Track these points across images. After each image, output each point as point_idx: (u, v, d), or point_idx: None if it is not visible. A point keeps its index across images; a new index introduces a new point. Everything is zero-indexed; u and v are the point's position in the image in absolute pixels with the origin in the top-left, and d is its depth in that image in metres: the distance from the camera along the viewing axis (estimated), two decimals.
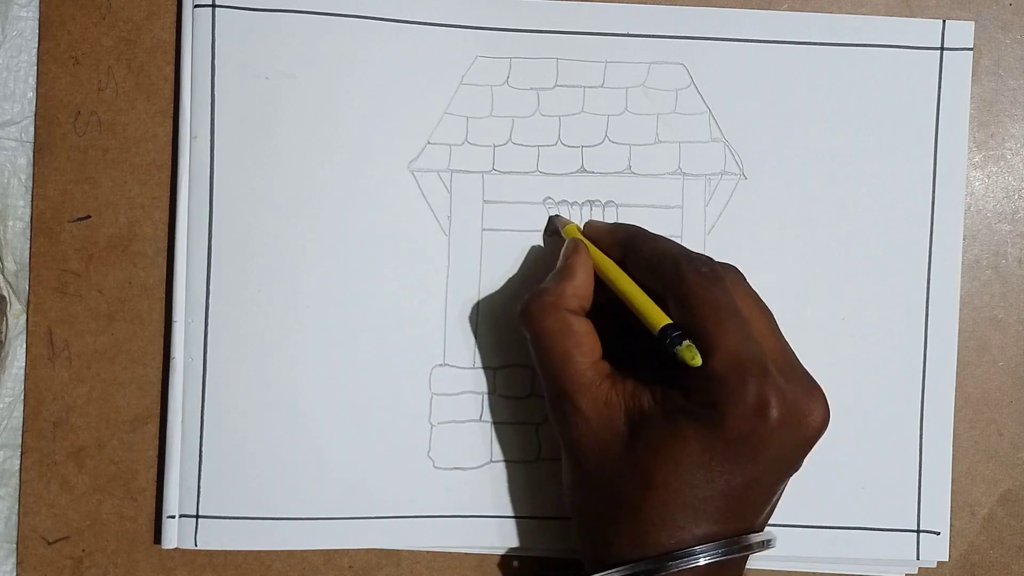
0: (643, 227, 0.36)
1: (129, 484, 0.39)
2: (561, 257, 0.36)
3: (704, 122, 0.39)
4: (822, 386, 0.33)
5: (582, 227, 0.37)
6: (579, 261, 0.35)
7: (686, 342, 0.31)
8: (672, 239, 0.35)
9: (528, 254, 0.39)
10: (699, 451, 0.30)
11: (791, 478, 0.33)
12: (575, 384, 0.33)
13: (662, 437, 0.31)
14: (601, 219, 0.39)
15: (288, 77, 0.38)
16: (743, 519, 0.32)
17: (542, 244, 0.39)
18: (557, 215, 0.39)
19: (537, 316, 0.34)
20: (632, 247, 0.35)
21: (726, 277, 0.33)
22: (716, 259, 0.34)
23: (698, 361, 0.30)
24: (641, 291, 0.33)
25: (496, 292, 0.39)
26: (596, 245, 0.36)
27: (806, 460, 0.32)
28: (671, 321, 0.32)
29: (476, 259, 0.39)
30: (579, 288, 0.34)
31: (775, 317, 0.34)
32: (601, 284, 0.35)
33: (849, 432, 0.39)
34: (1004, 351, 0.40)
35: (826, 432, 0.38)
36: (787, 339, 0.33)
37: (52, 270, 0.39)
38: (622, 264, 0.35)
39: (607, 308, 0.35)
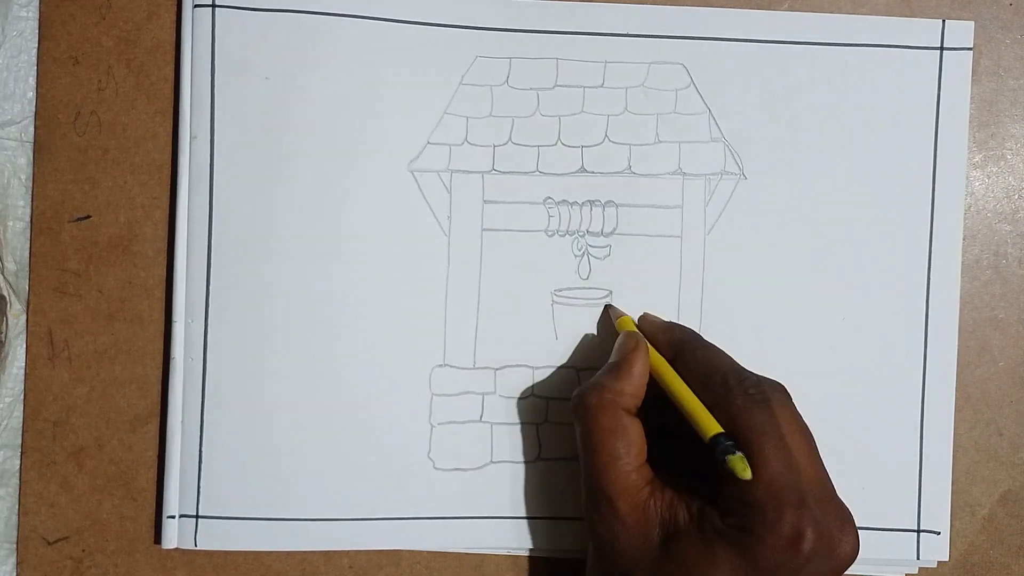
0: (697, 332, 0.37)
1: (129, 484, 0.39)
2: (618, 350, 0.36)
3: (704, 122, 0.39)
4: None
5: (636, 320, 0.38)
6: (638, 358, 0.35)
7: (738, 453, 0.31)
8: (723, 351, 0.35)
9: (528, 254, 0.39)
10: (729, 574, 0.31)
11: None
12: (618, 486, 0.33)
13: (694, 556, 0.31)
14: (601, 219, 0.39)
15: (288, 77, 0.38)
16: None
17: (595, 331, 0.39)
18: (611, 305, 0.39)
19: (594, 412, 0.34)
20: (684, 351, 0.35)
21: (773, 399, 0.33)
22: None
23: (748, 475, 0.31)
24: (694, 396, 0.33)
25: (496, 292, 0.39)
26: (650, 341, 0.36)
27: None
28: (722, 431, 0.32)
29: (476, 259, 0.39)
30: (636, 387, 0.34)
31: (815, 440, 0.33)
32: (650, 382, 0.35)
33: (849, 432, 0.39)
34: (1004, 351, 0.40)
35: (827, 432, 0.38)
36: (823, 462, 0.33)
37: (52, 270, 0.39)
38: (672, 366, 0.35)
39: (651, 405, 0.35)
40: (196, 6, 0.38)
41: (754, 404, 0.32)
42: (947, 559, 0.39)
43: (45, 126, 0.39)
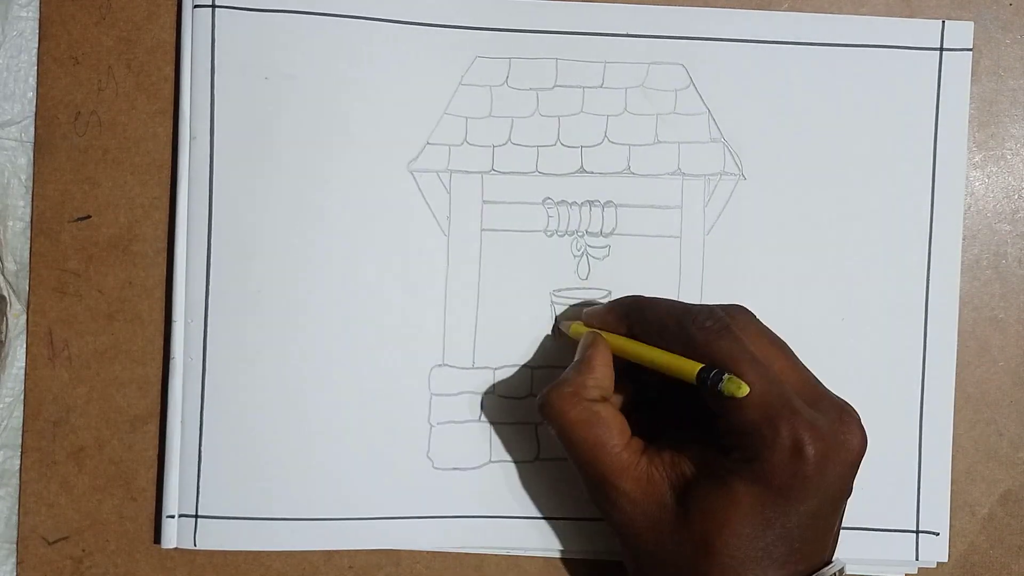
0: (639, 294, 0.37)
1: (129, 484, 0.39)
2: (579, 351, 0.36)
3: (703, 122, 0.39)
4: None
5: (584, 319, 0.37)
6: (597, 352, 0.35)
7: (727, 376, 0.31)
8: (670, 299, 0.35)
9: (528, 254, 0.39)
10: (750, 504, 0.31)
11: (847, 502, 0.33)
12: (613, 468, 0.33)
13: (712, 500, 0.31)
14: (601, 219, 0.39)
15: (288, 77, 0.38)
16: (810, 556, 0.32)
17: (552, 336, 0.39)
18: (558, 321, 0.39)
19: (559, 408, 0.33)
20: (635, 317, 0.35)
21: (733, 323, 0.33)
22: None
23: (745, 390, 0.30)
24: (663, 351, 0.33)
25: (496, 292, 0.39)
26: (603, 328, 0.36)
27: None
28: (703, 365, 0.32)
29: (476, 259, 0.39)
30: (599, 379, 0.34)
31: (790, 346, 0.34)
32: (619, 376, 0.35)
33: None
34: (1004, 351, 0.40)
35: None
36: (806, 365, 0.33)
37: (52, 270, 0.39)
38: (632, 337, 0.35)
39: (627, 384, 0.35)
40: (196, 6, 0.38)
41: (714, 335, 0.32)
42: (946, 559, 0.39)
43: (45, 126, 0.39)
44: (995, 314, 0.40)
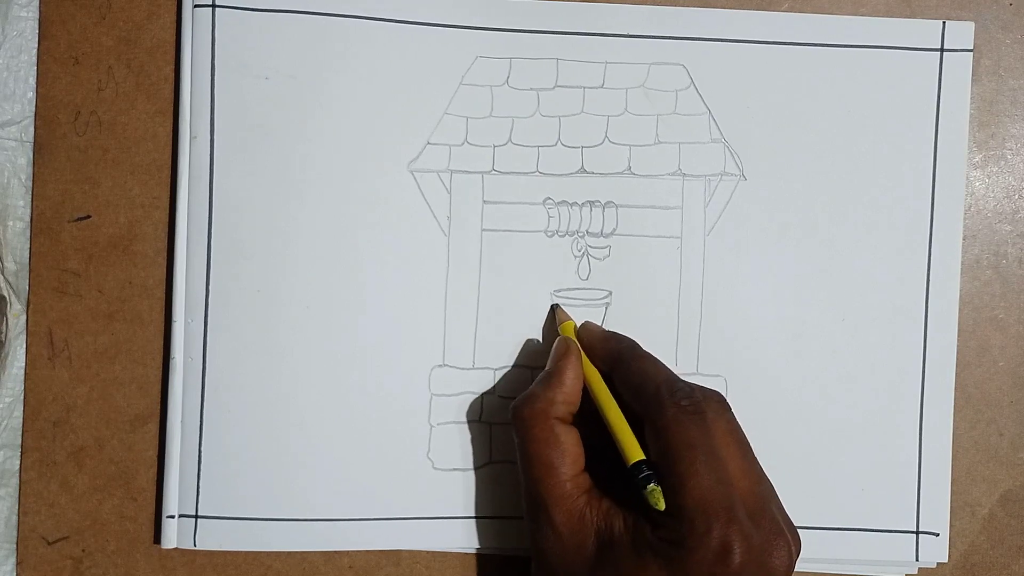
0: (636, 342, 0.36)
1: (129, 484, 0.39)
2: (552, 358, 0.36)
3: (704, 123, 0.39)
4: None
5: (579, 326, 0.38)
6: (569, 365, 0.35)
7: (652, 485, 0.31)
8: (660, 362, 0.35)
9: (528, 254, 0.39)
10: None
11: None
12: (553, 496, 0.33)
13: (627, 568, 0.31)
14: (600, 223, 0.39)
15: (288, 77, 0.38)
16: None
17: (540, 337, 0.39)
18: (558, 305, 0.39)
19: (528, 423, 0.34)
20: (620, 363, 0.35)
21: (708, 411, 0.33)
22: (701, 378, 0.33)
23: (661, 506, 0.31)
24: (621, 417, 0.34)
25: (496, 292, 0.39)
26: (588, 352, 0.36)
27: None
28: (643, 457, 0.32)
29: (476, 259, 0.39)
30: (568, 395, 0.34)
31: (753, 450, 0.33)
32: (587, 391, 0.35)
33: (849, 433, 0.39)
34: (1004, 351, 0.40)
35: (826, 432, 0.38)
36: (766, 475, 0.33)
37: (52, 270, 0.39)
38: (607, 378, 0.35)
39: (592, 414, 0.35)
40: (196, 6, 0.38)
41: (686, 416, 0.32)
42: (946, 560, 0.39)
43: (45, 126, 0.39)
44: (995, 314, 0.40)
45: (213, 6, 0.38)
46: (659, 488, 0.31)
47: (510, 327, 0.39)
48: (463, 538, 0.39)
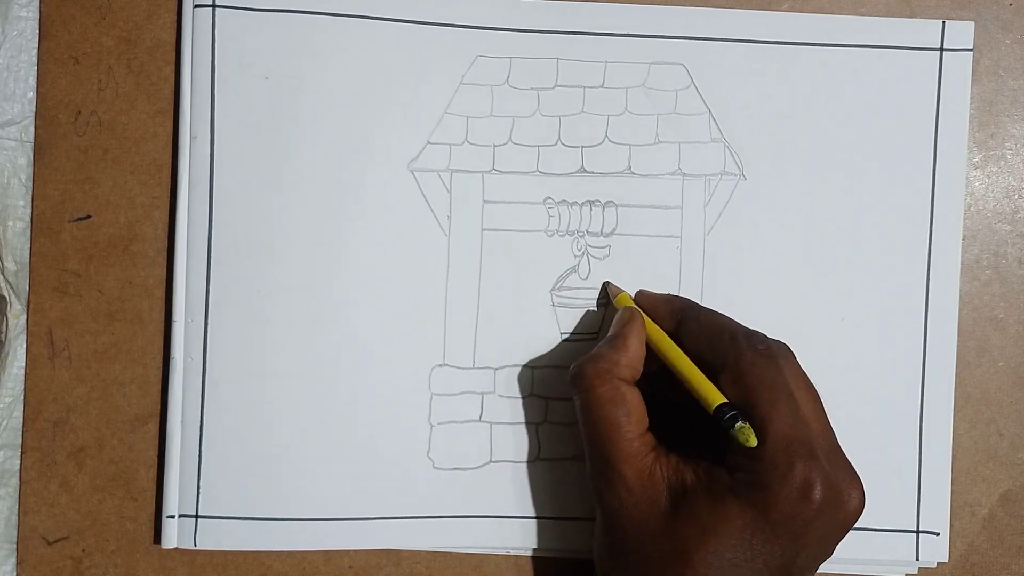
0: (694, 300, 0.37)
1: (129, 484, 0.39)
2: (615, 325, 0.36)
3: (704, 122, 0.39)
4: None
5: (633, 295, 0.38)
6: (633, 330, 0.35)
7: (741, 423, 0.31)
8: (724, 315, 0.36)
9: (528, 254, 0.39)
10: (742, 529, 0.31)
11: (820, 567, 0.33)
12: (622, 453, 0.33)
13: (706, 514, 0.31)
14: (601, 219, 0.39)
15: (288, 77, 0.38)
16: None
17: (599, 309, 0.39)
18: (609, 282, 0.39)
19: (591, 382, 0.34)
20: (688, 317, 0.36)
21: (779, 356, 0.33)
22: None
23: (753, 442, 0.31)
24: (695, 367, 0.34)
25: (496, 292, 0.39)
26: (650, 313, 0.36)
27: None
28: (726, 400, 0.32)
29: (476, 259, 0.39)
30: (632, 358, 0.35)
31: (820, 396, 0.34)
32: (649, 355, 0.35)
33: (849, 432, 0.39)
34: (1004, 351, 0.40)
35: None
36: (828, 417, 0.34)
37: (52, 270, 0.39)
38: (674, 336, 0.35)
39: (652, 378, 0.35)
40: (196, 6, 0.38)
41: (764, 360, 0.33)
42: (947, 560, 0.39)
43: (45, 126, 0.39)
44: (995, 314, 0.40)
45: (213, 6, 0.38)
46: (748, 425, 0.31)
47: (510, 327, 0.39)
48: (463, 538, 0.39)
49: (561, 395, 0.39)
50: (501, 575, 0.39)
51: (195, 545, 0.38)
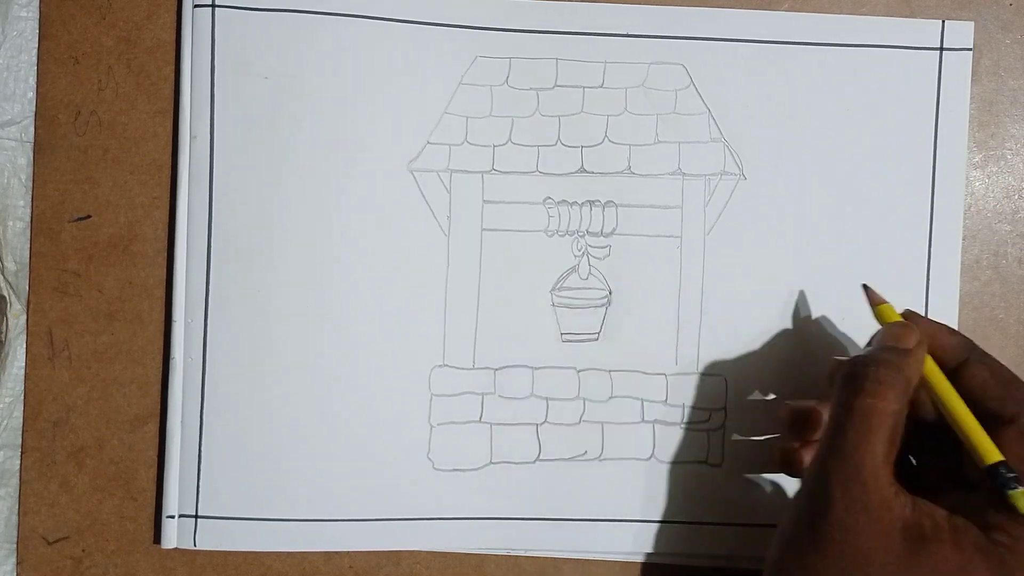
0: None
1: (129, 484, 0.39)
2: (897, 338, 0.33)
3: (704, 122, 0.39)
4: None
5: (900, 311, 0.35)
6: (920, 351, 0.33)
7: (1020, 488, 0.30)
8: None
9: (528, 254, 0.39)
10: None
11: None
12: (869, 469, 0.30)
13: (951, 568, 0.29)
14: (601, 219, 0.39)
15: (288, 77, 0.38)
16: None
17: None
18: (869, 287, 0.36)
19: (884, 390, 0.31)
20: (974, 360, 0.33)
21: None
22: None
23: None
24: (971, 415, 0.32)
25: (496, 292, 0.39)
26: (930, 342, 0.34)
27: None
28: (1002, 459, 0.31)
29: (476, 259, 0.39)
30: (913, 379, 0.32)
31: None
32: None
33: None
34: (1004, 351, 0.40)
35: None
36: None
37: (52, 270, 0.39)
38: (948, 372, 0.33)
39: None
40: (196, 6, 0.38)
41: None
42: None
43: (45, 126, 0.39)
44: (995, 314, 0.40)
45: (213, 6, 0.38)
46: None
47: (510, 327, 0.39)
48: (463, 538, 0.39)
49: (561, 395, 0.39)
50: (501, 575, 0.39)
51: (195, 545, 0.38)
